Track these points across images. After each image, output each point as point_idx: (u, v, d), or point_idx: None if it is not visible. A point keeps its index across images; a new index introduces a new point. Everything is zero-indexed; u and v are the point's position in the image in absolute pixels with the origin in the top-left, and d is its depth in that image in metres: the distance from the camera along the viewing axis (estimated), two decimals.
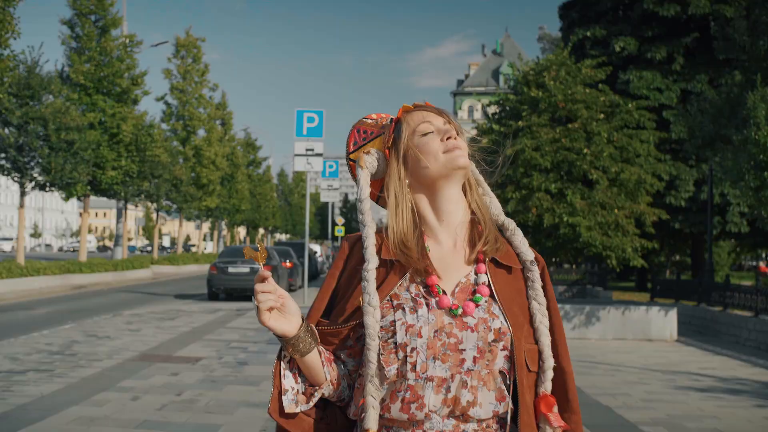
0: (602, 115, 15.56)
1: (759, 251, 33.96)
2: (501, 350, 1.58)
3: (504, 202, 14.59)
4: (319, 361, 1.62)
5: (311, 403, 1.65)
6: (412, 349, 1.57)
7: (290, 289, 24.01)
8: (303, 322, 1.59)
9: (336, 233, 43.03)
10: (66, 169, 23.30)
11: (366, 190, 1.70)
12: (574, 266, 32.43)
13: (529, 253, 1.71)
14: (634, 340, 13.63)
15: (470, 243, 1.70)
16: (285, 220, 79.78)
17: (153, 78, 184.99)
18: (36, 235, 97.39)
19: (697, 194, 23.29)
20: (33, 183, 23.87)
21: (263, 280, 1.53)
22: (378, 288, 1.62)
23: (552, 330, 1.67)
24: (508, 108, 17.13)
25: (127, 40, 29.38)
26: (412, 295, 1.63)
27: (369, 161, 1.74)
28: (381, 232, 1.71)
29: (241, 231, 74.86)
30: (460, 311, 1.60)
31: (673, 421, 7.12)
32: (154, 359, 10.06)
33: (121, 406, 7.18)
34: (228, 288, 21.31)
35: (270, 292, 1.53)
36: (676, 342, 13.69)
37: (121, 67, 28.56)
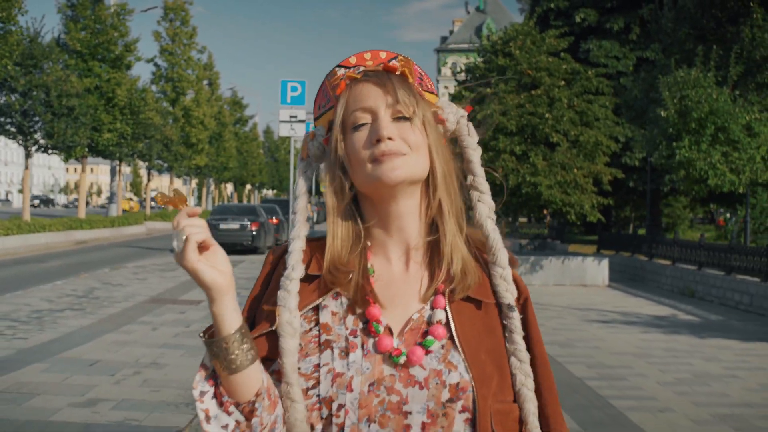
0: (563, 82, 17.28)
1: (716, 206, 36.01)
2: (459, 412, 1.18)
3: None
4: (260, 367, 1.17)
5: None
6: (340, 407, 1.17)
7: (276, 243, 26.11)
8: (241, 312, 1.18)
9: (321, 189, 44.69)
10: (68, 133, 25.17)
11: (301, 185, 1.32)
12: (547, 220, 34.60)
13: (507, 296, 1.27)
14: (571, 285, 15.85)
15: (429, 269, 1.28)
16: (271, 177, 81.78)
17: (143, 43, 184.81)
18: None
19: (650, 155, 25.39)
20: (36, 146, 25.75)
21: (193, 215, 1.15)
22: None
23: (539, 387, 1.26)
24: (477, 75, 18.97)
25: (119, 9, 30.99)
26: (347, 332, 1.21)
27: (312, 148, 1.31)
28: (320, 240, 1.30)
29: (229, 187, 76.67)
30: (402, 359, 1.19)
31: (568, 342, 9.32)
32: (164, 302, 12.18)
33: (145, 334, 9.31)
34: (219, 243, 23.08)
35: (199, 226, 1.14)
36: (607, 287, 15.95)
37: (115, 35, 30.23)
